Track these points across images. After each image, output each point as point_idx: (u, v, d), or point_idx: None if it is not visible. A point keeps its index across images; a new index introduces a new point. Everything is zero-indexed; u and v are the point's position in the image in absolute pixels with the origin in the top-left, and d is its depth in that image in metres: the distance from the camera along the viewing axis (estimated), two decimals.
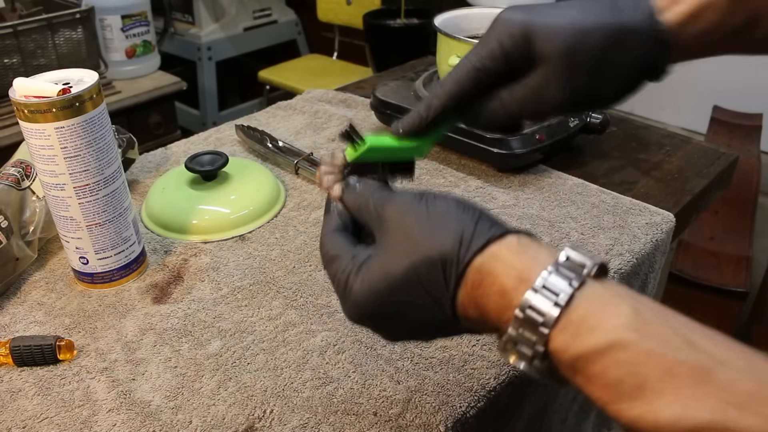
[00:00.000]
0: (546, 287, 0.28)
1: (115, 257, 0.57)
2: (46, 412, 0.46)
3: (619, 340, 0.26)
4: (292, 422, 0.45)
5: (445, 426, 0.45)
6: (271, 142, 0.81)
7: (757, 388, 0.23)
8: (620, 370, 0.25)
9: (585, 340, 0.26)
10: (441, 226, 0.32)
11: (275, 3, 2.61)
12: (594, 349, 0.26)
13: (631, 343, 0.26)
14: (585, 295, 0.28)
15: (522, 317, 0.28)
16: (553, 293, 0.28)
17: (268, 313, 0.56)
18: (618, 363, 0.25)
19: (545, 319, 0.27)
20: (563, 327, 0.27)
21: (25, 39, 1.43)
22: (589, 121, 0.78)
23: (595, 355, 0.26)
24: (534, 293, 0.28)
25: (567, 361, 0.27)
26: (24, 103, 0.49)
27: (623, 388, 0.25)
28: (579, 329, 0.27)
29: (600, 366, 0.26)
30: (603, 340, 0.26)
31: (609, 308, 0.27)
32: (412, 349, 0.52)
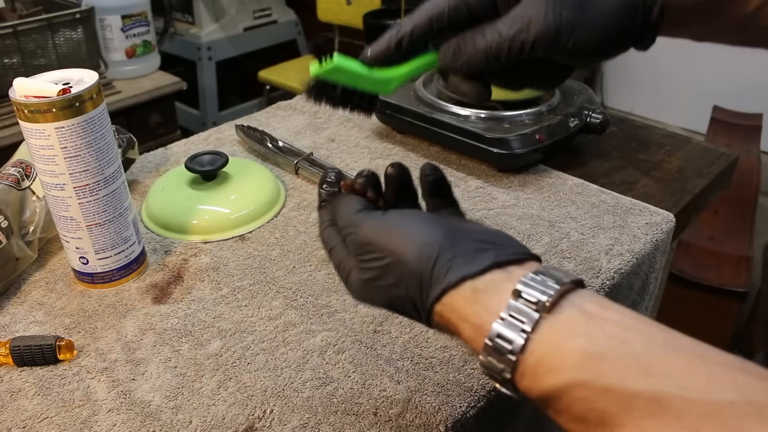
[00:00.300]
0: (501, 336, 0.28)
1: (115, 257, 0.57)
2: (46, 412, 0.46)
3: (575, 380, 0.26)
4: (292, 422, 0.45)
5: (445, 426, 0.45)
6: (271, 142, 0.81)
7: (714, 409, 0.23)
8: (582, 407, 0.26)
9: (544, 383, 0.27)
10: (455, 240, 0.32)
11: (275, 3, 2.61)
12: (554, 390, 0.27)
13: (587, 381, 0.26)
14: (538, 339, 0.28)
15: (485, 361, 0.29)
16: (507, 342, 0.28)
17: (268, 313, 0.56)
18: (578, 400, 0.26)
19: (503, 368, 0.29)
20: (522, 373, 0.28)
21: (25, 39, 1.43)
22: (589, 121, 0.78)
23: (557, 394, 0.27)
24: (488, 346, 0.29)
25: (534, 398, 0.28)
26: (24, 103, 0.49)
27: (589, 422, 0.26)
28: (537, 373, 0.28)
29: (563, 403, 0.27)
30: (560, 381, 0.27)
31: (563, 347, 0.27)
32: (412, 349, 0.52)
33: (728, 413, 0.23)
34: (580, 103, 0.80)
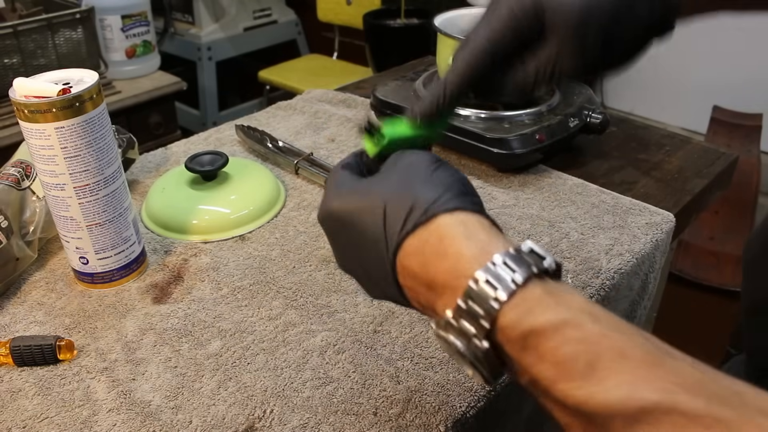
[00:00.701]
0: (506, 264, 0.27)
1: (115, 257, 0.57)
2: (46, 412, 0.46)
3: (574, 318, 0.26)
4: (292, 422, 0.45)
5: (445, 426, 0.45)
6: (271, 142, 0.81)
7: (702, 377, 0.24)
8: (573, 347, 0.25)
9: (539, 317, 0.26)
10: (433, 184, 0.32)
11: (275, 3, 2.61)
12: (548, 325, 0.26)
13: (586, 323, 0.25)
14: (541, 282, 0.27)
15: (475, 289, 0.27)
16: (511, 270, 0.27)
17: (268, 313, 0.56)
18: (572, 340, 0.25)
19: (498, 294, 0.27)
20: (517, 303, 0.27)
21: (25, 39, 1.43)
22: (589, 121, 0.78)
23: (548, 331, 0.26)
24: (493, 266, 0.27)
25: (516, 336, 0.26)
26: (24, 103, 0.49)
27: (574, 366, 0.25)
28: (533, 307, 0.26)
29: (553, 342, 0.25)
30: (558, 317, 0.26)
31: (564, 295, 0.27)
32: (412, 349, 0.52)
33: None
34: (580, 103, 0.80)
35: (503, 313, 0.27)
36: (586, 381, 0.24)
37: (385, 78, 1.04)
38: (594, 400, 0.24)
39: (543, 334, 0.26)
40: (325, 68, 2.49)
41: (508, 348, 0.27)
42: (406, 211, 0.31)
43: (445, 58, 0.78)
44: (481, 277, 0.27)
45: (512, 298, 0.27)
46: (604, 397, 0.24)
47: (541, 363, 0.26)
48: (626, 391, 0.24)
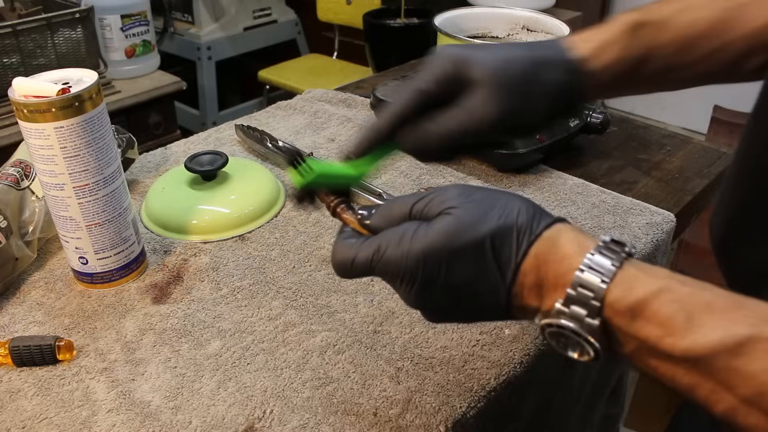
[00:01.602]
0: (602, 253, 0.33)
1: (115, 257, 0.57)
2: (45, 412, 0.46)
3: (665, 286, 0.31)
4: (292, 422, 0.45)
5: (445, 426, 0.45)
6: (271, 141, 0.81)
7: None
8: (672, 307, 0.30)
9: (639, 289, 0.31)
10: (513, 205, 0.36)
11: (275, 3, 2.61)
12: (648, 294, 0.31)
13: (675, 288, 0.31)
14: (631, 263, 0.33)
15: (582, 277, 0.32)
16: (608, 257, 0.33)
17: (268, 313, 0.55)
18: (668, 302, 0.31)
19: (604, 276, 0.32)
20: (618, 282, 0.32)
21: (25, 39, 1.43)
22: (589, 121, 0.78)
23: (649, 299, 0.31)
24: (592, 256, 0.33)
25: (624, 308, 0.32)
26: (23, 102, 0.49)
27: (676, 321, 0.30)
28: (632, 282, 0.32)
29: (654, 306, 0.31)
30: (654, 287, 0.31)
31: (651, 270, 0.33)
32: (412, 349, 0.52)
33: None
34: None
35: (609, 291, 0.32)
36: (687, 331, 0.30)
37: (385, 78, 1.04)
38: (697, 344, 0.29)
39: (645, 302, 0.31)
40: (325, 68, 2.48)
41: (616, 320, 0.32)
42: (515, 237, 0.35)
43: None
44: (586, 267, 0.33)
45: (614, 279, 0.32)
46: (704, 340, 0.29)
47: (648, 325, 0.31)
48: (721, 332, 0.29)
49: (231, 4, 2.47)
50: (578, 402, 0.67)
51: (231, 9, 2.47)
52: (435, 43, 0.81)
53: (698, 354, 0.30)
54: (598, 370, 0.70)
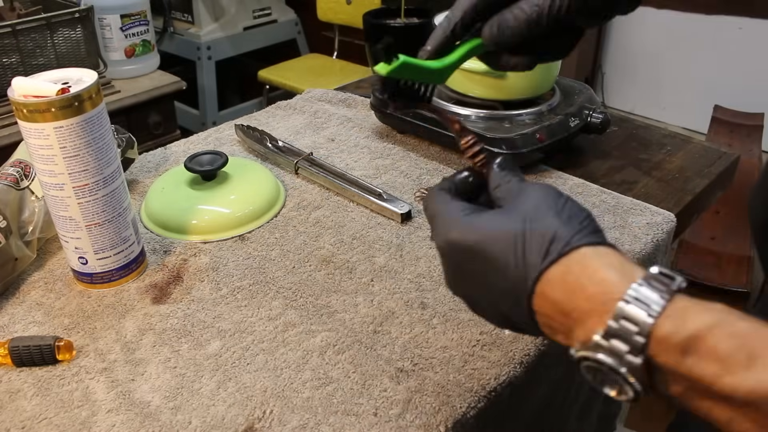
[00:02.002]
0: (650, 284, 0.30)
1: (115, 257, 0.57)
2: (45, 412, 0.46)
3: (724, 319, 0.28)
4: (291, 422, 0.45)
5: (445, 426, 0.45)
6: (271, 141, 0.81)
7: None
8: (730, 343, 0.27)
9: (693, 323, 0.28)
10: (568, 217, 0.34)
11: (275, 2, 2.61)
12: (703, 327, 0.28)
13: (735, 321, 0.28)
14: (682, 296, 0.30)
15: (626, 309, 0.29)
16: (657, 290, 0.29)
17: (267, 313, 0.55)
18: (728, 336, 0.27)
19: (651, 309, 0.29)
20: (669, 315, 0.29)
21: (24, 38, 1.42)
22: (589, 121, 0.78)
23: (705, 332, 0.28)
24: (639, 287, 0.29)
25: (675, 344, 0.28)
26: (23, 102, 0.49)
27: (737, 359, 0.27)
28: (685, 315, 0.28)
29: (712, 341, 0.27)
30: (710, 320, 0.28)
31: (704, 303, 0.29)
32: (412, 349, 0.52)
33: None
34: (581, 103, 0.79)
35: (658, 325, 0.29)
36: (750, 370, 0.26)
37: None
38: (763, 386, 0.26)
39: (701, 337, 0.28)
40: (325, 68, 2.48)
41: (664, 358, 0.29)
42: (548, 242, 0.32)
43: None
44: (631, 298, 0.29)
45: (664, 312, 0.29)
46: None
47: (703, 362, 0.27)
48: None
49: (231, 3, 2.46)
50: (577, 402, 0.67)
51: (231, 9, 2.47)
52: None
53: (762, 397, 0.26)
54: None
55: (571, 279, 0.31)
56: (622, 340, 0.29)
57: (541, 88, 0.79)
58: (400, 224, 0.67)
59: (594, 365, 0.31)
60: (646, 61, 2.66)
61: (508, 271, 0.33)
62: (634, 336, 0.29)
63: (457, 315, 0.55)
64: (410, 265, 0.61)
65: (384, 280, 0.59)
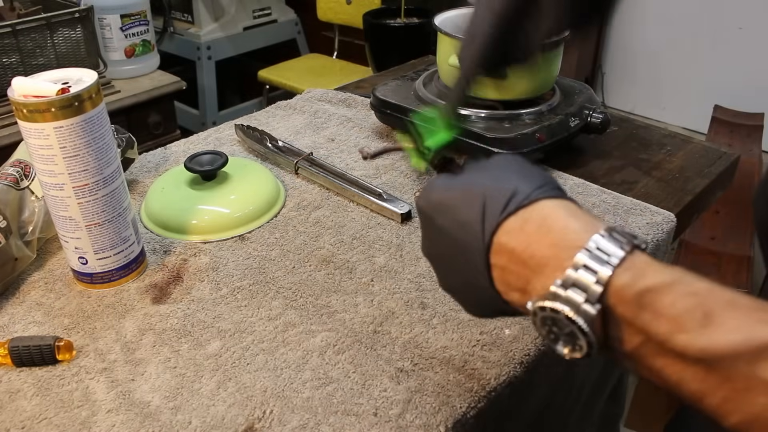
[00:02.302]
0: (612, 236, 0.30)
1: (115, 257, 0.57)
2: (45, 412, 0.46)
3: (682, 278, 0.28)
4: (291, 423, 0.45)
5: (445, 426, 0.45)
6: (271, 141, 0.81)
7: None
8: (687, 301, 0.27)
9: (651, 278, 0.28)
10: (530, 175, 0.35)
11: (275, 2, 2.61)
12: (661, 283, 0.28)
13: (693, 281, 0.28)
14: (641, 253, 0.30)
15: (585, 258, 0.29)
16: (618, 242, 0.29)
17: (267, 314, 0.55)
18: (685, 294, 0.27)
19: (610, 260, 0.29)
20: (628, 267, 0.29)
21: (24, 38, 1.42)
22: (589, 121, 0.78)
23: (663, 288, 0.28)
24: (601, 238, 0.30)
25: (631, 296, 0.28)
26: (23, 102, 0.49)
27: (692, 317, 0.27)
28: (644, 269, 0.29)
29: (669, 298, 0.27)
30: (669, 277, 0.28)
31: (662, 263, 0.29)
32: (412, 349, 0.52)
33: None
34: (581, 103, 0.79)
35: (617, 275, 0.28)
36: (705, 329, 0.26)
37: (385, 77, 1.03)
38: (716, 344, 0.26)
39: (658, 292, 0.27)
40: (325, 68, 2.48)
41: (621, 309, 0.28)
42: (508, 196, 0.33)
43: (445, 58, 0.78)
44: (592, 247, 0.29)
45: (623, 263, 0.29)
46: (726, 340, 0.26)
47: (659, 318, 0.27)
48: (746, 333, 0.26)
49: (231, 3, 2.46)
50: (578, 402, 0.67)
51: (231, 9, 2.47)
52: (435, 43, 0.81)
53: (716, 355, 0.26)
54: (599, 370, 0.70)
55: (530, 228, 0.32)
56: (580, 289, 0.29)
57: (541, 88, 0.79)
58: (400, 224, 0.67)
59: (550, 315, 0.30)
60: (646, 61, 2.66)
61: (469, 226, 0.34)
62: (592, 286, 0.29)
63: (457, 315, 0.55)
64: (410, 265, 0.61)
65: (384, 280, 0.59)
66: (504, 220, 0.33)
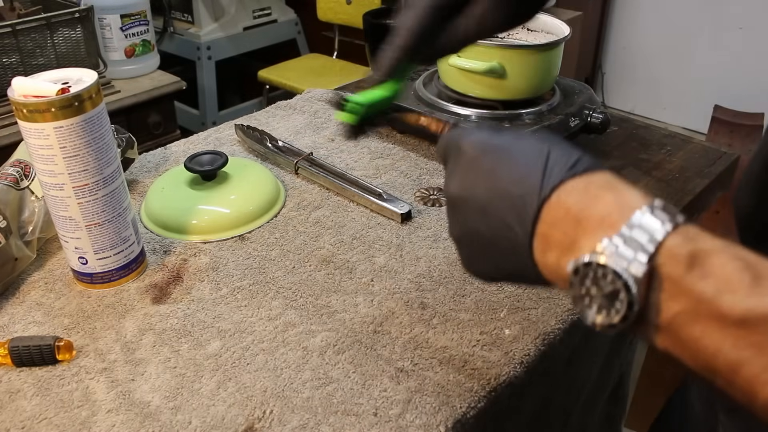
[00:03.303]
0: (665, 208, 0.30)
1: (115, 257, 0.57)
2: (45, 412, 0.46)
3: (732, 245, 0.28)
4: (291, 423, 0.45)
5: (445, 426, 0.45)
6: (271, 141, 0.81)
7: None
8: (738, 264, 0.27)
9: (703, 242, 0.28)
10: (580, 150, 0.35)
11: (275, 2, 2.61)
12: (713, 247, 0.28)
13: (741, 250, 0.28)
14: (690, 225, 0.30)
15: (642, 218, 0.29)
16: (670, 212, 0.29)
17: (267, 314, 0.55)
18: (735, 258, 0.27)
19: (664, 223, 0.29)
20: (680, 232, 0.29)
21: (24, 38, 1.42)
22: (589, 121, 0.78)
23: (714, 251, 0.28)
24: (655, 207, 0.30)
25: (682, 256, 0.28)
26: (23, 102, 0.49)
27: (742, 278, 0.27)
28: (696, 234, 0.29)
29: (719, 260, 0.27)
30: (720, 243, 0.28)
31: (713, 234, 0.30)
32: (412, 349, 0.52)
33: None
34: (581, 103, 0.79)
35: (670, 237, 0.29)
36: (754, 289, 0.26)
37: None
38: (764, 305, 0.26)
39: (709, 254, 0.28)
40: (325, 68, 2.48)
41: (669, 269, 0.28)
42: (574, 160, 0.33)
43: (445, 58, 0.78)
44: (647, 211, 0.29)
45: (677, 228, 0.29)
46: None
47: (707, 278, 0.27)
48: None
49: (231, 3, 2.46)
50: (578, 402, 0.67)
51: (231, 9, 2.47)
52: None
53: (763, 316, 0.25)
54: (599, 370, 0.70)
55: (592, 189, 0.31)
56: (631, 246, 0.29)
57: (541, 88, 0.79)
58: (400, 224, 0.67)
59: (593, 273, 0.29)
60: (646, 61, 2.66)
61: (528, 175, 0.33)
62: (646, 244, 0.28)
63: (457, 315, 0.55)
64: (410, 265, 0.61)
65: (384, 280, 0.59)
66: (570, 178, 0.32)
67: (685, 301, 0.28)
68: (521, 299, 0.57)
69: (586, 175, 0.32)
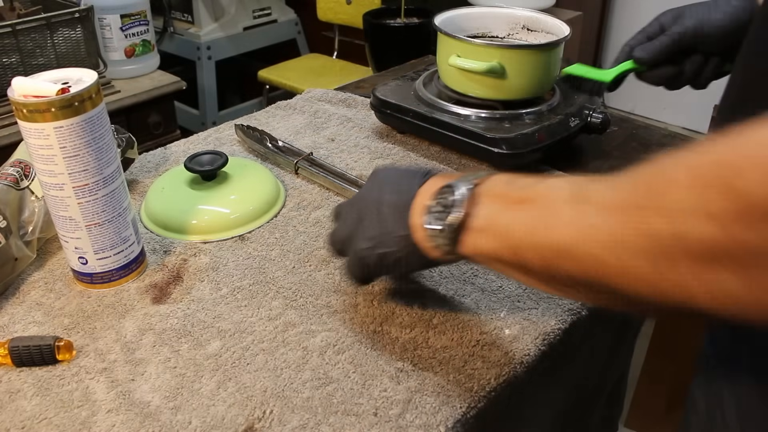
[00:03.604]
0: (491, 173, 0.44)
1: (115, 257, 0.57)
2: (45, 412, 0.46)
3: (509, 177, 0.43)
4: (291, 423, 0.45)
5: (445, 426, 0.45)
6: (271, 141, 0.81)
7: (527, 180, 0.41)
8: (506, 178, 0.42)
9: (501, 178, 0.43)
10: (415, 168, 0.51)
11: (275, 2, 2.61)
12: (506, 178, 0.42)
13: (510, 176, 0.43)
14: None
15: (477, 173, 0.44)
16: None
17: (267, 314, 0.55)
18: (508, 179, 0.42)
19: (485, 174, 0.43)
20: (494, 176, 0.43)
21: (24, 38, 1.42)
22: (589, 121, 0.78)
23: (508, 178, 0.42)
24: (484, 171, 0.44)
25: (497, 180, 0.42)
26: (23, 102, 0.49)
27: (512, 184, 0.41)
28: (499, 176, 0.43)
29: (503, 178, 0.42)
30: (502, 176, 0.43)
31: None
32: (412, 349, 0.52)
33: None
34: (581, 103, 0.79)
35: (488, 178, 0.43)
36: (521, 189, 0.41)
37: (385, 77, 1.03)
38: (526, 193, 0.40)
39: (511, 179, 0.42)
40: (325, 68, 2.48)
41: (485, 188, 0.42)
42: (425, 170, 0.49)
43: (445, 58, 0.78)
44: (477, 174, 0.43)
45: (491, 176, 0.43)
46: None
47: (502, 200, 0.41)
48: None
49: (231, 3, 2.46)
50: (578, 402, 0.67)
51: (231, 9, 2.47)
52: (435, 43, 0.81)
53: (529, 197, 0.39)
54: (598, 370, 0.70)
55: (438, 177, 0.46)
56: (466, 180, 0.42)
57: (541, 88, 0.79)
58: None
59: (444, 194, 0.43)
60: None
61: (404, 186, 0.48)
62: (472, 179, 0.42)
63: (457, 315, 0.55)
64: None
65: (384, 280, 0.59)
66: (424, 182, 0.47)
67: (495, 203, 0.40)
68: (521, 299, 0.57)
69: (434, 176, 0.47)
